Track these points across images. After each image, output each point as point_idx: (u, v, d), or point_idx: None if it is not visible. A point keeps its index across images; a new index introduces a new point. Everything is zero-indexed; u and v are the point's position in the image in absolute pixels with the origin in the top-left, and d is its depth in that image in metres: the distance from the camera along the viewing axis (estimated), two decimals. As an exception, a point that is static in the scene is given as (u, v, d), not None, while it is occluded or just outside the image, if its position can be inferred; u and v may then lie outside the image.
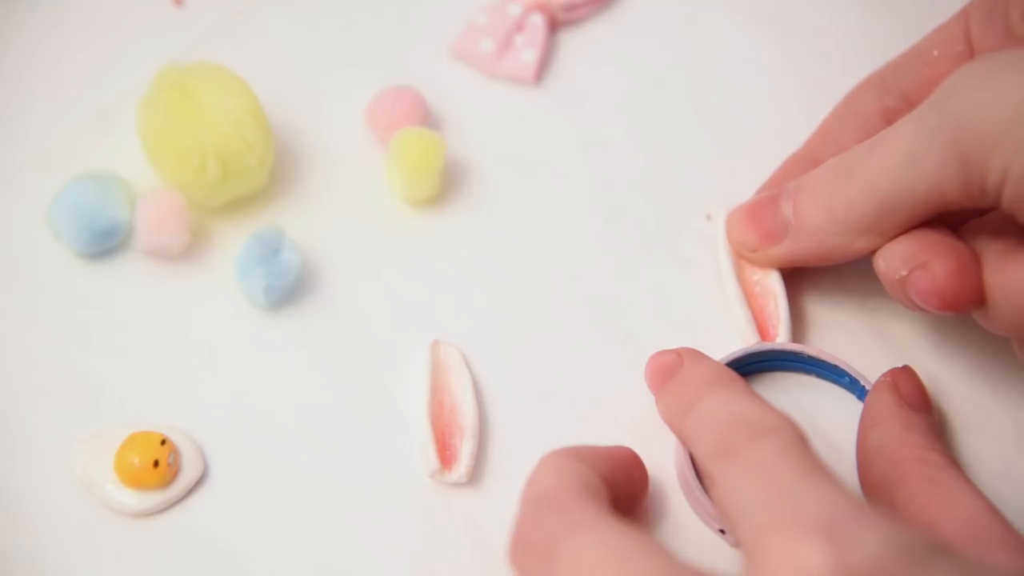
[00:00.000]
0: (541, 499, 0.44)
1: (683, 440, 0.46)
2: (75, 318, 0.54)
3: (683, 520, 0.50)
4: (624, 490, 0.47)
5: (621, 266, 0.56)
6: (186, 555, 0.50)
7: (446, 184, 0.58)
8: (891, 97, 0.54)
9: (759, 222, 0.53)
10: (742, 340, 0.53)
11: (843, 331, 0.54)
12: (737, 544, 0.40)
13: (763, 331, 0.54)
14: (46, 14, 0.62)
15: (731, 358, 0.52)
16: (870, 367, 0.53)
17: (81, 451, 0.51)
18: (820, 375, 0.53)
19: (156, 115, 0.54)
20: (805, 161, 0.55)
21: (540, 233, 0.57)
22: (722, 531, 0.48)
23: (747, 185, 0.57)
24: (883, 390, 0.50)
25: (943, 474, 0.47)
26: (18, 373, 0.53)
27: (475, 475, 0.51)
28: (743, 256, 0.54)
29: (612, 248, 0.56)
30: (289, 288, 0.54)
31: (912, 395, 0.50)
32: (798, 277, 0.55)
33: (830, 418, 0.52)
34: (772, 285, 0.54)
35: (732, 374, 0.47)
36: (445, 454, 0.51)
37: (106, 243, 0.55)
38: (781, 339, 0.53)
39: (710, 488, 0.43)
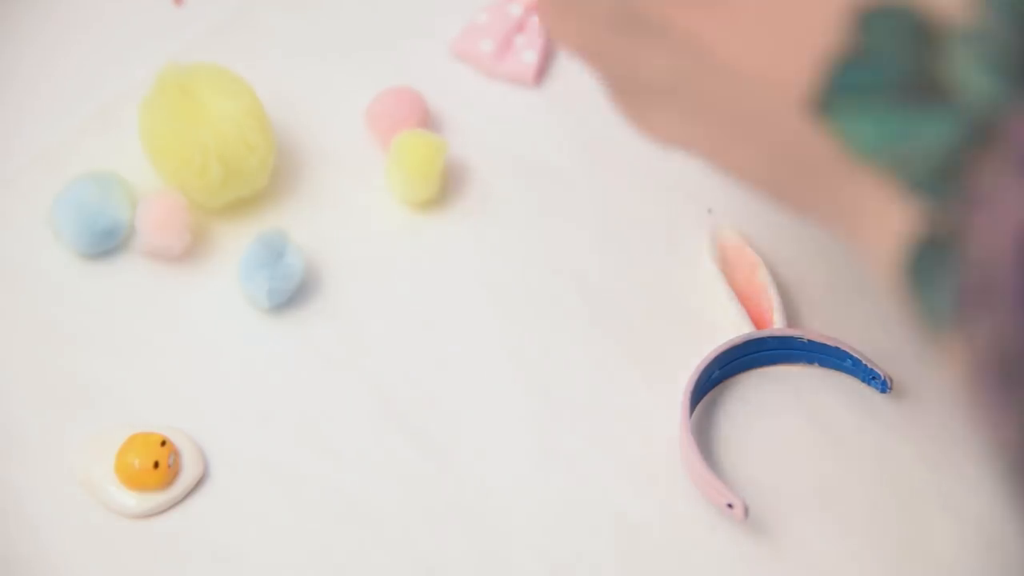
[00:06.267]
0: None
1: None
2: (76, 318, 0.54)
3: (688, 502, 0.51)
4: None
5: (622, 264, 0.56)
6: (187, 556, 0.50)
7: (447, 185, 0.58)
8: None
9: None
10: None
11: (843, 317, 0.54)
12: None
13: (760, 326, 0.54)
14: (46, 14, 0.62)
15: (729, 346, 0.52)
16: (872, 355, 0.53)
17: (81, 452, 0.51)
18: (821, 362, 0.53)
19: (158, 116, 0.54)
20: None
21: (541, 233, 0.57)
22: (729, 506, 0.49)
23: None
24: None
25: None
26: (18, 374, 0.53)
27: (475, 472, 0.51)
28: None
29: (613, 246, 0.56)
30: (292, 291, 0.54)
31: None
32: (794, 269, 0.55)
33: (831, 409, 0.52)
34: (762, 280, 0.54)
35: None
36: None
37: (107, 243, 0.55)
38: (777, 325, 0.53)
39: None
